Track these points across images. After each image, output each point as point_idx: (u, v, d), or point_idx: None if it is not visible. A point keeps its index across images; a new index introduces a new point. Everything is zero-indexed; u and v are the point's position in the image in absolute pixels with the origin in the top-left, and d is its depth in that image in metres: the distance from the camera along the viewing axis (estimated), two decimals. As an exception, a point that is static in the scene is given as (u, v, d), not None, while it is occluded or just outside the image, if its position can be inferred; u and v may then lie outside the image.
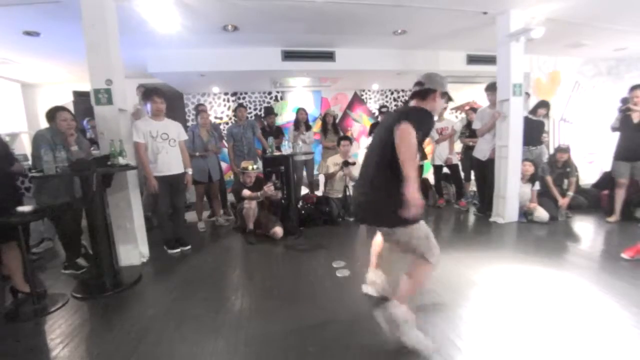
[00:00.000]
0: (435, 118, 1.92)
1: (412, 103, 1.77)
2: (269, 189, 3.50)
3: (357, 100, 6.96)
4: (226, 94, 6.45)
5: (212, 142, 4.14)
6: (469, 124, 4.78)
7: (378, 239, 2.14)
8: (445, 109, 4.91)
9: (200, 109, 4.38)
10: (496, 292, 2.25)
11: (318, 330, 1.87)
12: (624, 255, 2.70)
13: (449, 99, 1.84)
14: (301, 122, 4.87)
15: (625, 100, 3.78)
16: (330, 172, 4.43)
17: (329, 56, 4.77)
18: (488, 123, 3.99)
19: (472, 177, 4.73)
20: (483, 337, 1.76)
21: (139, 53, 4.26)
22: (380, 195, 1.64)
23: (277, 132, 4.93)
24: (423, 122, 1.59)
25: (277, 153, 4.03)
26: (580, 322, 1.85)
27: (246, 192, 3.62)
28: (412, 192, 1.46)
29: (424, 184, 4.86)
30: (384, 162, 1.61)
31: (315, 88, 6.57)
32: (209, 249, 3.52)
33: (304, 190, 5.15)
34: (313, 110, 6.60)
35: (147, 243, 3.20)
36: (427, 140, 4.45)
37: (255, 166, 3.83)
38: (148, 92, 3.28)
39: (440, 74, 1.78)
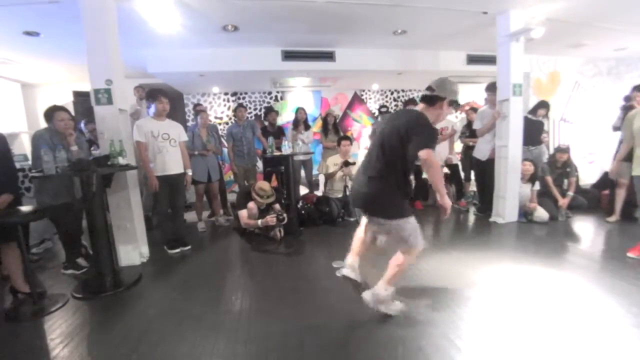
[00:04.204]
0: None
1: (420, 107, 1.86)
2: (272, 220, 3.36)
3: (357, 100, 6.96)
4: (226, 94, 6.44)
5: (211, 142, 4.14)
6: (469, 124, 4.78)
7: (361, 229, 2.19)
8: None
9: (199, 109, 4.38)
10: (496, 292, 2.25)
11: (318, 330, 1.87)
12: (630, 255, 2.69)
13: (457, 106, 1.93)
14: (300, 122, 4.87)
15: (628, 98, 3.76)
16: (330, 172, 4.43)
17: (329, 56, 4.77)
18: (488, 123, 3.99)
19: (472, 177, 4.73)
20: (483, 337, 1.76)
21: (139, 53, 4.26)
22: (382, 191, 1.81)
23: (279, 132, 4.92)
24: (433, 139, 1.74)
25: (277, 153, 4.03)
26: (580, 322, 1.85)
27: (243, 215, 3.46)
28: (446, 201, 1.77)
29: (424, 184, 4.86)
30: (392, 162, 1.77)
31: (315, 88, 6.57)
32: (209, 249, 3.52)
33: (304, 190, 5.15)
34: (313, 110, 6.59)
35: (147, 243, 3.20)
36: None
37: (272, 199, 3.56)
38: (153, 92, 3.29)
39: (452, 81, 1.84)
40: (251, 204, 3.48)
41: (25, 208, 2.31)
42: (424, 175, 5.23)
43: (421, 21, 3.87)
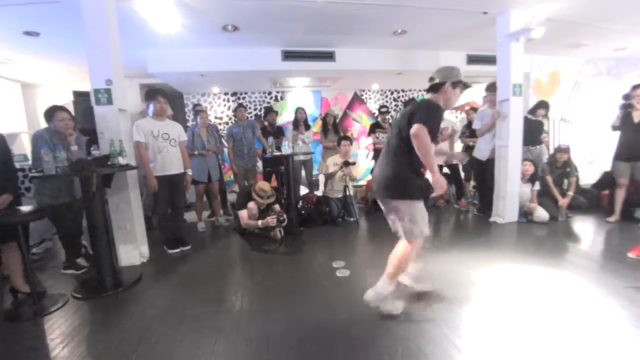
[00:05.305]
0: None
1: (428, 96, 1.95)
2: (272, 220, 3.32)
3: (357, 100, 6.95)
4: (226, 94, 6.44)
5: (211, 142, 4.14)
6: (469, 124, 4.78)
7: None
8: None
9: (199, 109, 4.38)
10: (496, 292, 2.25)
11: (318, 330, 1.87)
12: (631, 255, 2.69)
13: (465, 85, 1.94)
14: (300, 122, 4.87)
15: (627, 97, 3.76)
16: (330, 172, 4.43)
17: (329, 56, 4.77)
18: (488, 123, 3.99)
19: (472, 177, 4.72)
20: (483, 337, 1.76)
21: (139, 53, 4.26)
22: (396, 170, 1.87)
23: (278, 132, 4.92)
24: (430, 116, 1.75)
25: (277, 153, 4.02)
26: (580, 322, 1.85)
27: (244, 216, 3.45)
28: (437, 178, 1.77)
29: (425, 184, 4.85)
30: (399, 148, 1.84)
31: (315, 88, 6.57)
32: (209, 249, 3.52)
33: (304, 190, 5.15)
34: (313, 111, 6.59)
35: (147, 243, 3.20)
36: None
37: (272, 199, 3.59)
38: (152, 92, 3.29)
39: (451, 66, 1.92)
40: (251, 204, 3.48)
41: (25, 208, 2.31)
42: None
43: (421, 21, 3.87)
